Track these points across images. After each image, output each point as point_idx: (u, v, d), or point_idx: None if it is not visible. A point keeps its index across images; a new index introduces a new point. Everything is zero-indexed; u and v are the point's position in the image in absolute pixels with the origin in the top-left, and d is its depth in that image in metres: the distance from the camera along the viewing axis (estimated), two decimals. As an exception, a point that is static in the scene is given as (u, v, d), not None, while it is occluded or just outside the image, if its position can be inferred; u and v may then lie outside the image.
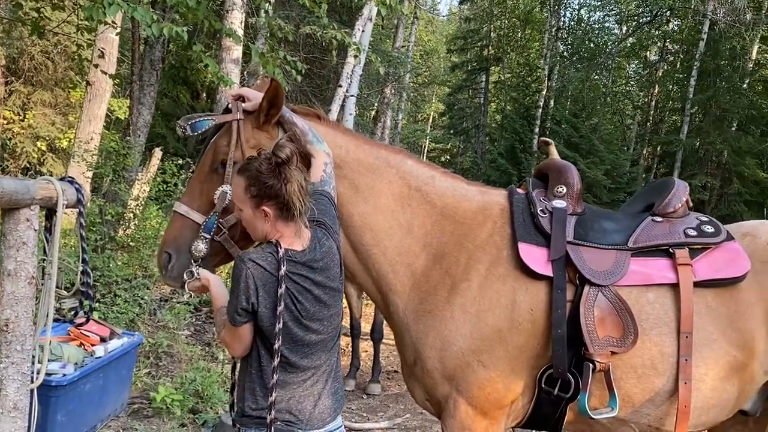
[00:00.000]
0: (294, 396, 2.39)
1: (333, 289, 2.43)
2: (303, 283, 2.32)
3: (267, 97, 2.66)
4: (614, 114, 32.26)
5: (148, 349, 6.26)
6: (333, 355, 2.50)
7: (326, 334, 2.43)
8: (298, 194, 2.30)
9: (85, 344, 4.58)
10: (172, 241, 2.68)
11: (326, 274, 2.40)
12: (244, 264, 2.28)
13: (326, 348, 2.45)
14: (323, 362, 2.45)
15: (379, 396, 7.27)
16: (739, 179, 24.51)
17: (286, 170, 2.29)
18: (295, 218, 2.34)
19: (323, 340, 2.43)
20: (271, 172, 2.28)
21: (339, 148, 2.83)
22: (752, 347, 2.78)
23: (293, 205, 2.30)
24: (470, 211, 2.93)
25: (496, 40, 32.74)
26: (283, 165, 2.29)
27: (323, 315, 2.40)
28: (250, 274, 2.26)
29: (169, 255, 2.68)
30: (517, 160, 24.99)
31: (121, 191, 7.93)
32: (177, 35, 5.33)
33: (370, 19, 13.53)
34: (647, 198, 3.18)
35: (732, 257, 2.85)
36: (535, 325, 2.71)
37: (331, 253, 2.44)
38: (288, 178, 2.28)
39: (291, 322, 2.32)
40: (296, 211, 2.31)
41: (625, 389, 2.73)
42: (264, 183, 2.29)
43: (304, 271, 2.33)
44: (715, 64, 25.91)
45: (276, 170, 2.29)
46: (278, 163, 2.28)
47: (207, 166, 2.72)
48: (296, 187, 2.29)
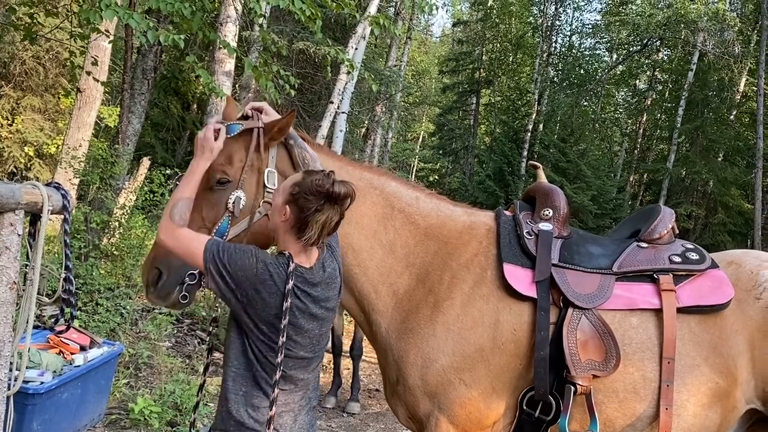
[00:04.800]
0: (277, 410, 2.39)
1: (328, 309, 2.46)
2: (304, 299, 2.36)
3: (286, 120, 2.70)
4: (602, 140, 32.52)
5: (128, 360, 6.20)
6: (315, 373, 2.53)
7: (314, 352, 2.46)
8: (320, 227, 2.35)
9: (64, 352, 4.53)
10: (164, 257, 2.60)
11: (326, 293, 2.43)
12: (258, 261, 2.33)
13: (310, 365, 2.47)
14: (306, 379, 2.47)
15: (360, 414, 7.23)
16: (723, 209, 24.73)
17: (328, 203, 2.35)
18: (302, 242, 2.38)
19: (310, 358, 2.45)
20: (318, 194, 2.34)
21: None
22: (735, 375, 2.78)
23: (308, 231, 2.35)
24: (455, 231, 2.94)
25: (488, 63, 33.00)
26: (331, 197, 2.35)
27: (314, 333, 2.43)
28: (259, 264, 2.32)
29: (160, 272, 2.62)
30: (505, 182, 25.11)
31: (107, 199, 7.89)
32: (173, 42, 5.33)
33: (363, 37, 13.61)
34: (634, 224, 3.22)
35: (716, 284, 2.86)
36: (517, 345, 2.71)
37: (334, 275, 2.48)
38: (324, 209, 2.34)
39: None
40: (307, 237, 2.36)
41: (606, 413, 2.73)
42: (306, 194, 2.34)
43: (307, 288, 2.36)
44: (703, 95, 26.24)
45: (321, 195, 2.34)
46: (329, 192, 2.34)
47: (202, 182, 2.71)
48: (323, 220, 2.35)
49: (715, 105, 26.59)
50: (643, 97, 31.44)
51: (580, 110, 29.98)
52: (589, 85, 29.91)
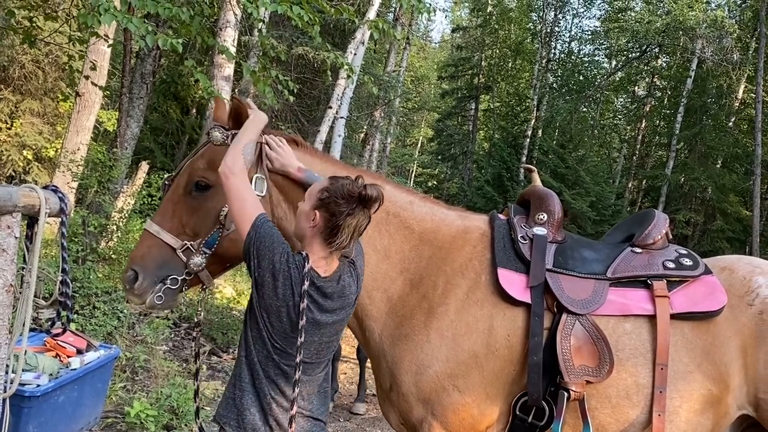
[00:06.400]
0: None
1: (335, 321, 2.46)
2: (311, 305, 2.37)
3: (229, 117, 2.77)
4: (601, 146, 32.56)
5: (124, 363, 6.20)
6: (312, 385, 2.51)
7: (313, 359, 2.46)
8: (351, 231, 2.38)
9: (61, 355, 4.53)
10: (140, 259, 2.68)
11: (334, 305, 2.44)
12: (284, 250, 2.36)
13: (306, 373, 2.46)
14: (302, 382, 2.45)
15: (356, 419, 7.23)
16: (722, 216, 24.76)
17: (359, 206, 2.37)
18: (333, 246, 2.39)
19: (307, 363, 2.44)
20: (349, 198, 2.35)
21: None
22: (727, 381, 2.79)
23: (340, 235, 2.37)
24: (449, 235, 2.94)
25: (487, 69, 33.09)
26: (362, 200, 2.37)
27: (314, 340, 2.42)
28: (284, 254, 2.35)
29: (135, 273, 2.68)
30: (504, 188, 25.14)
31: (105, 203, 7.89)
32: (172, 47, 5.35)
33: (362, 42, 13.64)
34: (628, 228, 3.22)
35: (709, 291, 2.87)
36: (511, 351, 2.72)
37: (348, 290, 2.47)
38: (355, 213, 2.36)
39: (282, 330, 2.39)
40: (339, 241, 2.37)
41: (599, 419, 2.73)
42: (336, 199, 2.35)
43: (315, 294, 2.37)
44: (701, 102, 26.30)
45: (352, 199, 2.36)
46: (360, 195, 2.36)
47: (181, 189, 2.73)
48: (354, 223, 2.37)
49: (713, 112, 26.64)
50: (641, 104, 31.50)
51: (579, 116, 30.03)
52: (588, 92, 29.97)
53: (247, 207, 2.43)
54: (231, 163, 2.50)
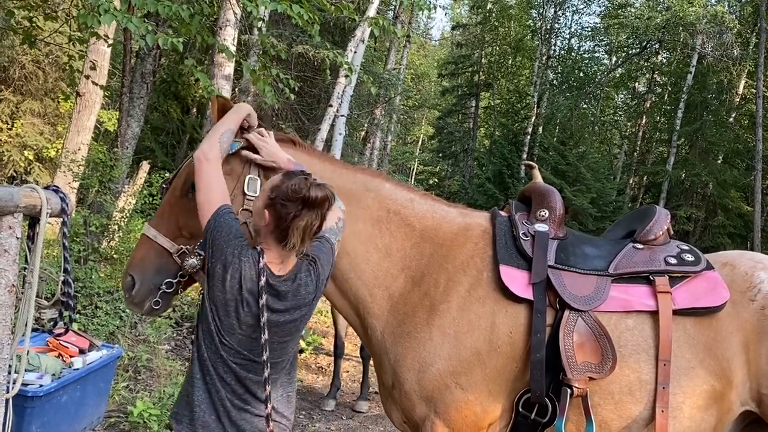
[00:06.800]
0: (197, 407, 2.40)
1: (286, 321, 2.40)
2: (259, 302, 2.33)
3: (215, 116, 2.75)
4: (602, 143, 32.56)
5: (127, 363, 6.20)
6: (261, 385, 2.40)
7: (259, 357, 2.37)
8: (301, 233, 2.34)
9: (63, 355, 4.53)
10: (138, 264, 2.67)
11: (286, 305, 2.39)
12: (238, 243, 2.35)
13: (259, 373, 2.38)
14: (246, 383, 2.39)
15: (359, 417, 7.23)
16: (723, 212, 24.75)
17: (306, 207, 2.32)
18: (285, 248, 2.37)
19: (255, 362, 2.37)
20: (294, 199, 2.31)
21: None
22: (730, 377, 2.79)
23: (290, 237, 2.33)
24: (450, 232, 2.94)
25: (487, 66, 33.08)
26: (307, 202, 2.32)
27: (262, 339, 2.35)
28: (237, 247, 2.34)
29: (133, 279, 2.67)
30: (505, 185, 25.14)
31: (106, 203, 7.89)
32: (172, 46, 5.35)
33: (362, 40, 13.61)
34: (629, 224, 3.22)
35: (711, 286, 2.87)
36: (513, 348, 2.71)
37: (303, 290, 2.41)
38: (302, 215, 2.32)
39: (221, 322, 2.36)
40: (289, 243, 2.34)
41: (602, 415, 2.73)
42: (282, 200, 2.32)
43: (266, 293, 2.34)
44: (702, 97, 26.28)
45: (297, 200, 2.32)
46: (304, 198, 2.32)
47: (178, 191, 2.73)
48: (303, 225, 2.33)
49: (714, 107, 26.62)
50: (642, 100, 31.47)
51: (580, 113, 30.03)
52: (588, 88, 29.95)
53: (213, 196, 2.43)
54: (207, 149, 2.51)
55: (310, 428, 6.56)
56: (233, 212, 2.45)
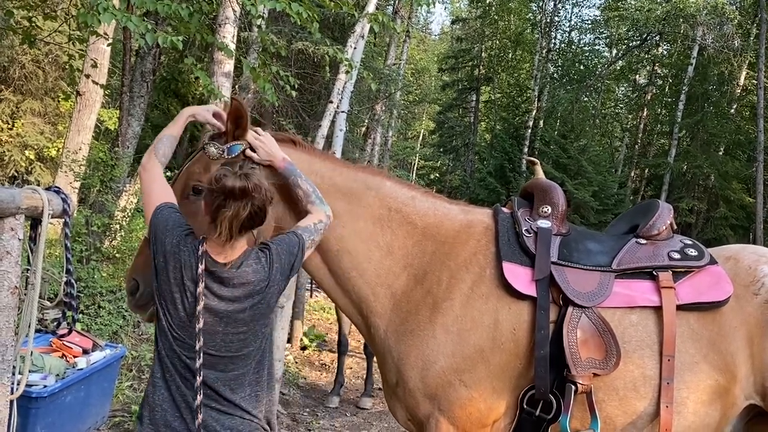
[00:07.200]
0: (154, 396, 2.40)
1: (239, 311, 2.37)
2: (204, 290, 2.33)
3: (230, 118, 2.69)
4: (603, 136, 32.52)
5: (131, 362, 6.21)
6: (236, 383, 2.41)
7: (221, 352, 2.37)
8: (229, 224, 2.30)
9: (67, 356, 4.54)
10: (141, 268, 2.65)
11: (234, 292, 2.37)
12: (176, 237, 2.38)
13: (217, 368, 2.37)
14: (207, 380, 2.36)
15: (363, 413, 7.24)
16: (725, 203, 24.73)
17: (230, 198, 2.29)
18: (220, 237, 2.34)
19: (219, 358, 2.36)
20: (217, 189, 2.30)
21: (314, 175, 2.83)
22: (734, 372, 2.78)
23: (218, 227, 2.31)
24: (452, 230, 2.93)
25: (487, 60, 33.03)
26: (228, 192, 2.29)
27: (217, 330, 2.35)
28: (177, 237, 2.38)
29: (137, 282, 2.66)
30: (506, 179, 25.12)
31: (108, 202, 7.90)
32: (172, 44, 5.33)
33: (362, 36, 13.56)
34: (632, 219, 3.21)
35: (715, 281, 2.86)
36: (517, 345, 2.71)
37: (251, 278, 2.38)
38: (228, 205, 2.29)
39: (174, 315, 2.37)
40: (218, 234, 2.32)
41: (607, 411, 2.73)
42: (210, 191, 2.34)
43: (208, 280, 2.33)
44: (703, 89, 26.23)
45: (221, 191, 2.30)
46: (223, 188, 2.29)
47: (179, 192, 2.72)
48: (230, 215, 2.29)
49: (715, 99, 26.58)
50: (643, 92, 31.43)
51: (581, 106, 29.99)
52: (588, 81, 29.88)
53: (152, 198, 2.50)
54: (144, 161, 2.63)
55: (314, 425, 6.57)
56: (174, 207, 2.50)
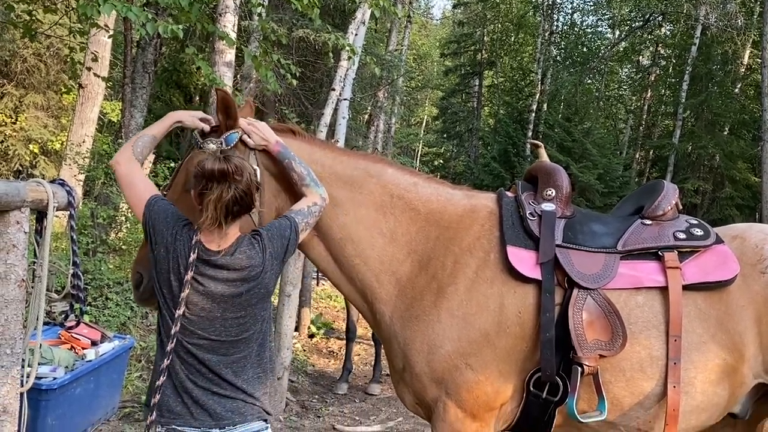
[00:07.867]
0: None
1: (237, 295, 2.41)
2: (198, 277, 2.37)
3: (219, 109, 2.69)
4: (607, 118, 32.35)
5: (139, 353, 6.24)
6: (237, 366, 2.45)
7: (221, 337, 2.41)
8: (214, 207, 2.32)
9: (76, 347, 4.57)
10: (145, 260, 2.66)
11: (231, 275, 2.41)
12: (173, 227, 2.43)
13: (219, 352, 2.42)
14: (212, 361, 2.41)
15: (372, 399, 7.28)
16: (731, 183, 24.62)
17: (212, 182, 2.32)
18: (207, 223, 2.36)
19: (217, 341, 2.41)
20: (198, 174, 2.35)
21: (315, 164, 2.83)
22: (742, 351, 2.78)
23: (206, 212, 2.33)
24: (456, 215, 2.93)
25: (490, 44, 32.84)
26: (208, 175, 2.32)
27: (216, 316, 2.40)
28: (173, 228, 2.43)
29: (141, 275, 2.69)
30: (511, 164, 25.00)
31: (113, 194, 7.91)
32: (173, 33, 5.33)
33: (363, 22, 13.49)
34: (637, 201, 3.20)
35: (721, 260, 2.86)
36: (523, 328, 2.71)
37: (246, 262, 2.42)
38: (211, 189, 2.32)
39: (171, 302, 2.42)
40: (209, 219, 2.33)
41: (614, 392, 2.74)
42: (194, 177, 2.38)
43: (203, 267, 2.38)
44: (707, 69, 26.04)
45: (203, 175, 2.33)
46: (203, 171, 2.33)
47: (180, 186, 2.72)
48: (214, 198, 2.31)
49: (719, 78, 26.38)
50: (646, 73, 31.20)
51: (584, 88, 29.82)
52: (592, 63, 29.67)
53: (137, 191, 2.54)
54: (118, 156, 2.66)
55: (323, 412, 6.61)
56: (164, 198, 2.55)
